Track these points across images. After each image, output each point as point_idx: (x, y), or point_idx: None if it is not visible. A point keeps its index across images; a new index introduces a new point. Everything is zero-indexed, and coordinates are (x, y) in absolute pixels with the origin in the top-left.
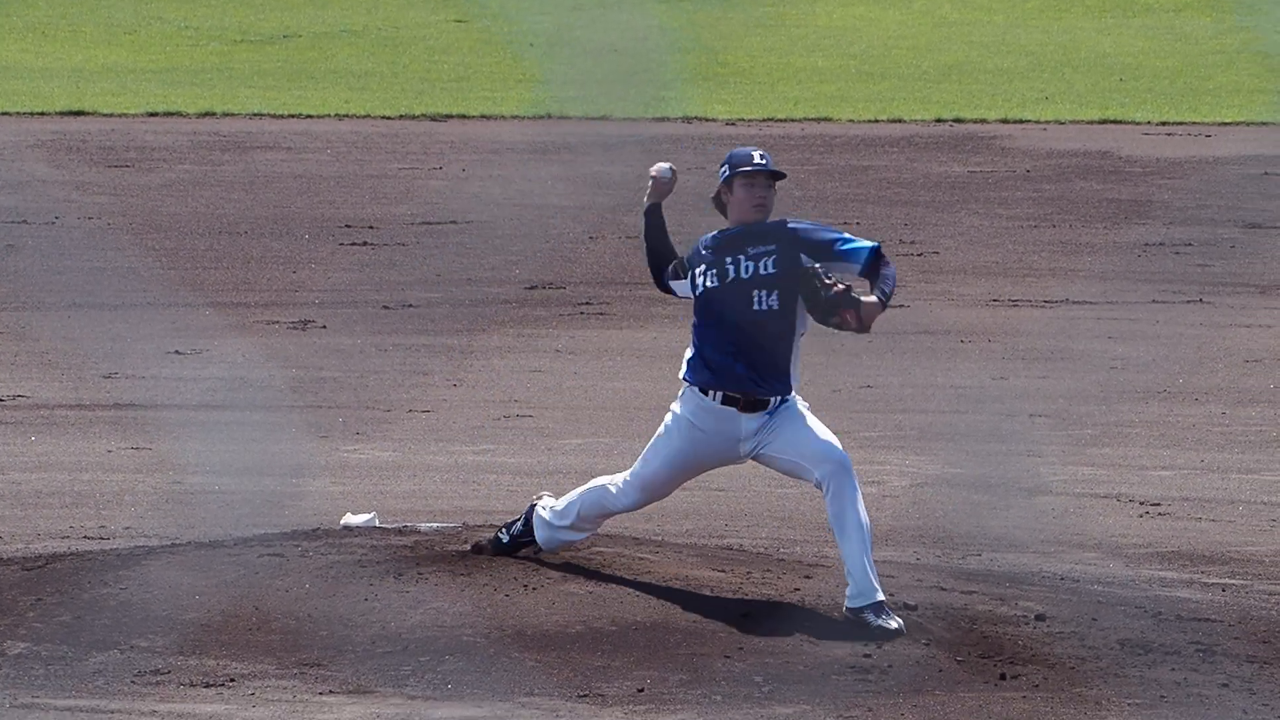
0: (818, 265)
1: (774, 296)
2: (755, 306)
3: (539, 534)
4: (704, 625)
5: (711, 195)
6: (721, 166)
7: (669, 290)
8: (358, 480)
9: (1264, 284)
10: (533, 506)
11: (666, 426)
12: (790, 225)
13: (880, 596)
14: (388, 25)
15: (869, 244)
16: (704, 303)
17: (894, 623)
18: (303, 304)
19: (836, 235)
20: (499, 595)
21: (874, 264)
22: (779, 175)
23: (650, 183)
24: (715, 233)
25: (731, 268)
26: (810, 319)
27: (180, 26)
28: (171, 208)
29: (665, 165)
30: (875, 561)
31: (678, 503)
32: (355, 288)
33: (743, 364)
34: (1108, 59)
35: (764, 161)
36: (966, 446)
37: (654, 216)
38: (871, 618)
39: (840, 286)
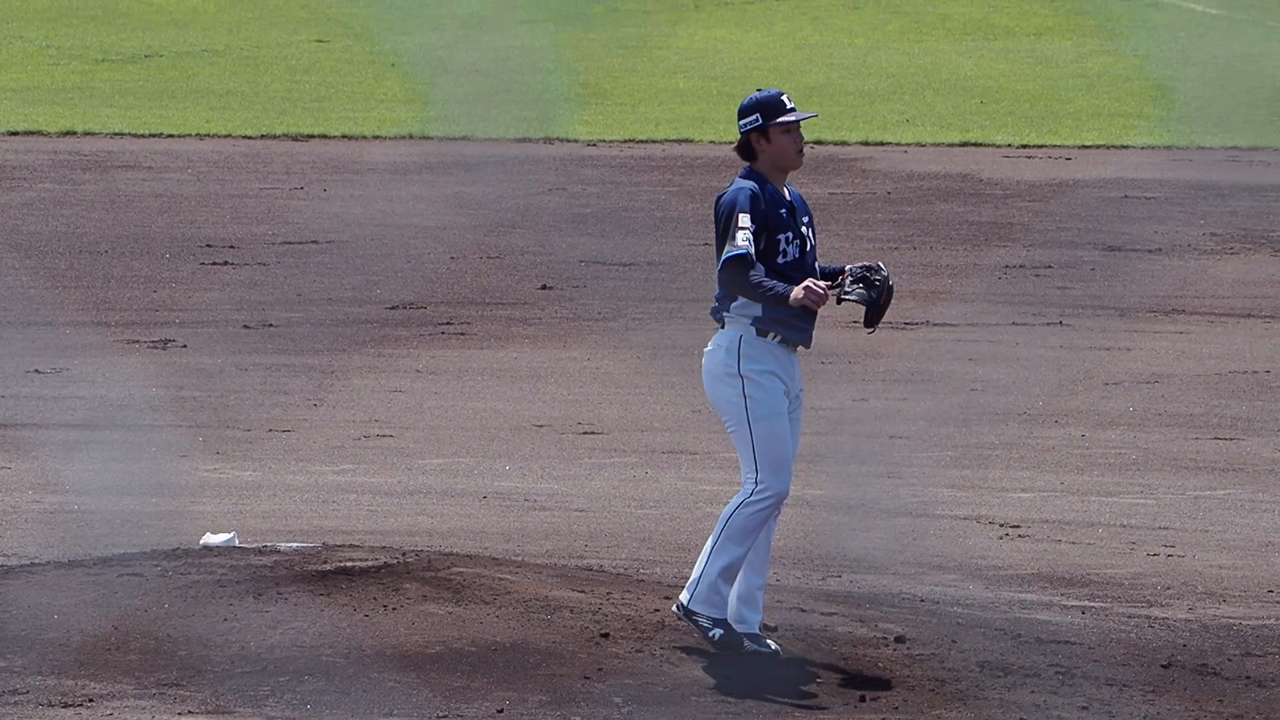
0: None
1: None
2: (818, 274)
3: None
4: (564, 646)
5: (736, 146)
6: (749, 115)
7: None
8: (217, 500)
9: (1123, 307)
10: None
11: (747, 392)
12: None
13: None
14: (249, 45)
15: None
16: (784, 270)
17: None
18: (163, 323)
19: None
20: (358, 615)
21: None
22: (813, 115)
23: (806, 295)
24: (757, 184)
25: (809, 236)
26: None
27: (41, 45)
28: (32, 226)
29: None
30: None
31: (537, 523)
32: (216, 307)
33: (810, 323)
34: (968, 82)
35: (794, 106)
36: (826, 468)
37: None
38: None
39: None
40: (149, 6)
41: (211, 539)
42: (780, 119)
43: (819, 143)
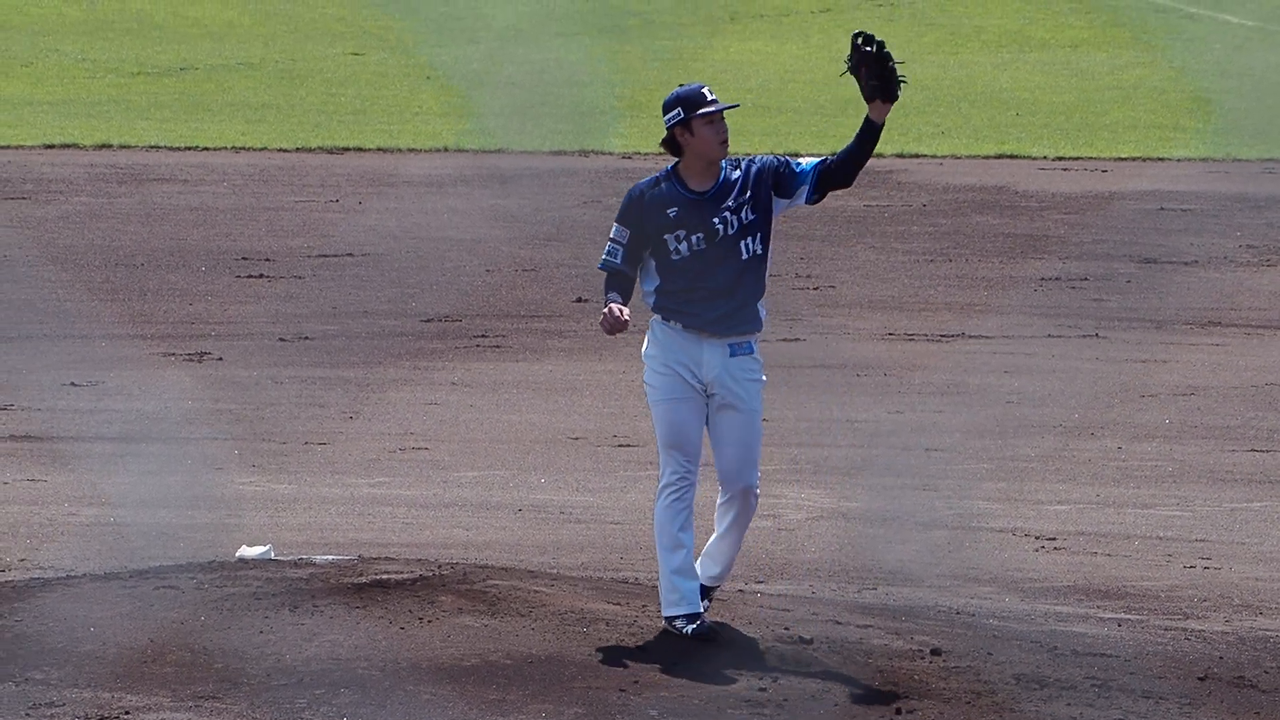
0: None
1: (758, 240)
2: (744, 256)
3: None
4: (599, 659)
5: (663, 140)
6: (671, 110)
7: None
8: (253, 512)
9: (1159, 319)
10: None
11: (645, 378)
12: (754, 166)
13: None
14: (285, 58)
15: (813, 160)
16: (681, 264)
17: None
18: (199, 336)
19: (784, 159)
20: (394, 628)
21: (824, 171)
22: (734, 106)
23: (602, 320)
24: (668, 183)
25: (720, 226)
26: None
27: (77, 59)
28: (68, 239)
29: (626, 315)
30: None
31: (573, 535)
32: (252, 320)
33: (718, 308)
34: (1004, 94)
35: (716, 99)
36: (862, 481)
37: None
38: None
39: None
40: (185, 20)
41: (247, 552)
42: (702, 110)
43: None
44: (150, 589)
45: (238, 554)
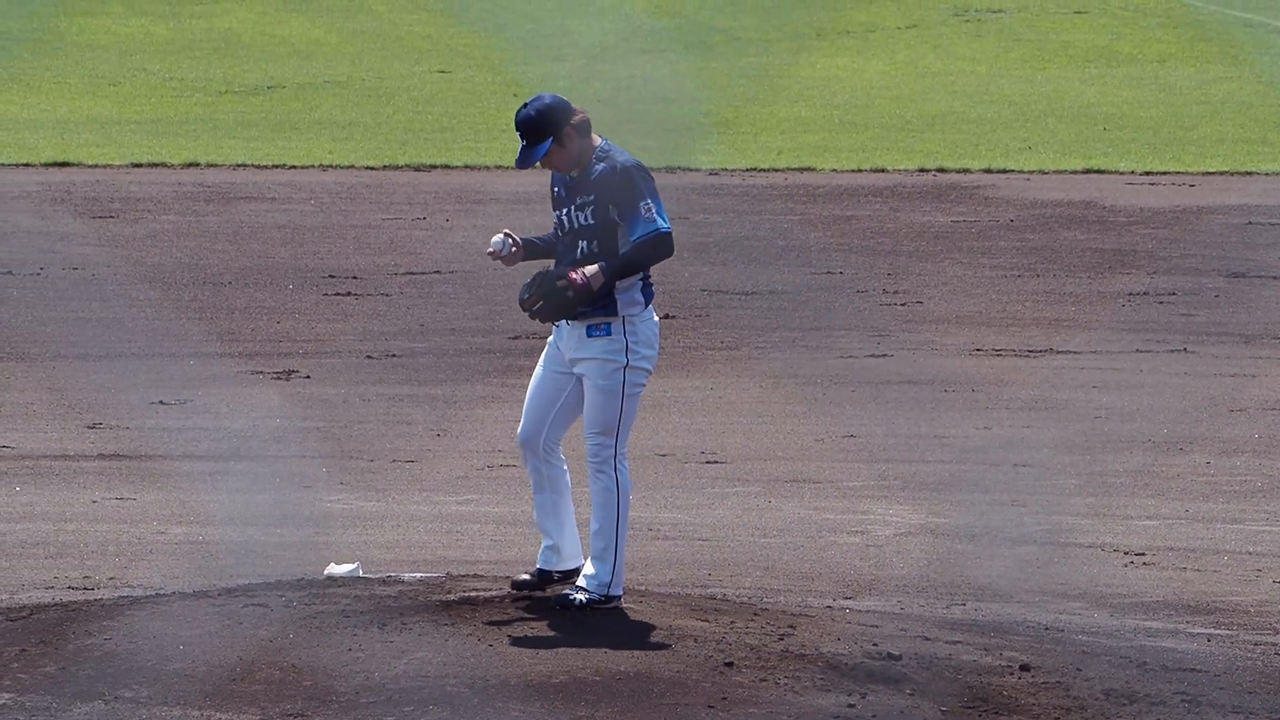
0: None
1: (594, 245)
2: (578, 254)
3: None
4: (688, 675)
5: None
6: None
7: None
8: (341, 530)
9: (1248, 333)
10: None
11: None
12: (602, 172)
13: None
14: (371, 76)
15: (654, 226)
16: (557, 243)
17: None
18: (286, 354)
19: (640, 204)
20: (483, 645)
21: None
22: (528, 162)
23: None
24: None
25: (566, 219)
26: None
27: (165, 78)
28: (156, 258)
29: (498, 238)
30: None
31: (660, 552)
32: (339, 338)
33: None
34: (1091, 109)
35: (518, 161)
36: (950, 496)
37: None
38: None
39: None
40: (272, 38)
41: (336, 569)
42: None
43: (941, 170)
44: (239, 607)
45: (326, 572)
